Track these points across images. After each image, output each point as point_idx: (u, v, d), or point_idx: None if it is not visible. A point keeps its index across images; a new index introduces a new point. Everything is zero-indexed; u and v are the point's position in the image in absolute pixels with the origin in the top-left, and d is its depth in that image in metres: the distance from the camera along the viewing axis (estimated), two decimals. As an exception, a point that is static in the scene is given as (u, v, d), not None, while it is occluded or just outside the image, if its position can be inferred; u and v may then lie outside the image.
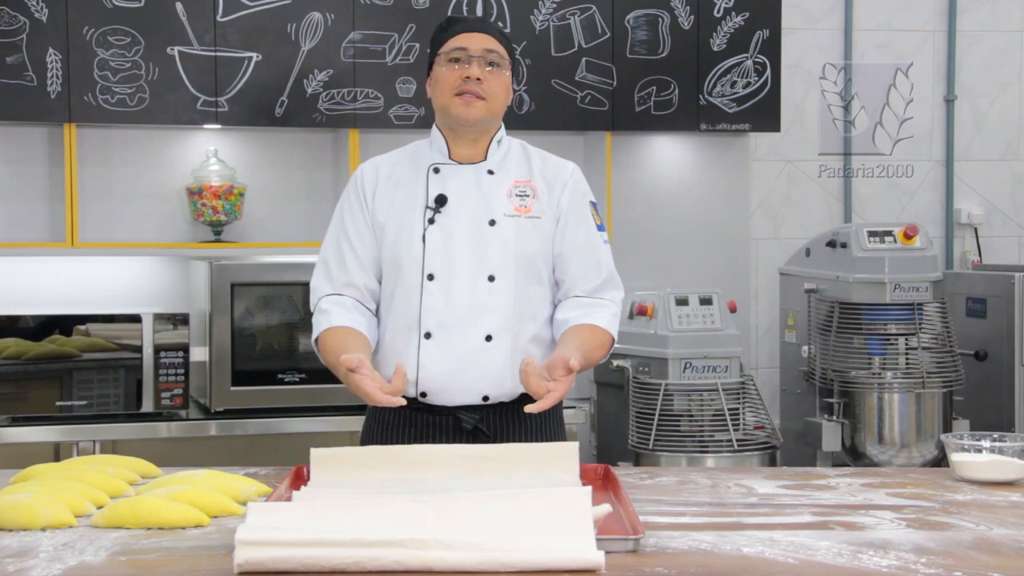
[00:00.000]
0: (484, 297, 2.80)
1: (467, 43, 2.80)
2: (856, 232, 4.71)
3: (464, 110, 2.81)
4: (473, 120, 2.82)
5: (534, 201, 2.87)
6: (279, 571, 1.86)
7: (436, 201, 2.83)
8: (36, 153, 4.66)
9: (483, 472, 2.43)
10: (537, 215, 2.86)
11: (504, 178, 2.88)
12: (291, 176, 4.91)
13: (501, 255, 2.82)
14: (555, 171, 2.93)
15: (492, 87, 2.81)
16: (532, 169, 2.92)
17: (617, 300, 2.93)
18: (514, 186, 2.88)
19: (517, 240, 2.83)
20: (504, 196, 2.85)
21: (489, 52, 2.81)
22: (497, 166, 2.89)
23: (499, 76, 2.82)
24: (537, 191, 2.88)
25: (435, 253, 2.80)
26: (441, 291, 2.79)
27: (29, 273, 4.63)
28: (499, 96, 2.85)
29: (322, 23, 4.57)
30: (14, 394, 4.19)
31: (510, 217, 2.84)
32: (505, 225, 2.83)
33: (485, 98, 2.81)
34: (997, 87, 5.65)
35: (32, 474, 2.48)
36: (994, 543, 2.08)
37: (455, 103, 2.81)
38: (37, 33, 4.35)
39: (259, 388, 4.36)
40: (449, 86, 2.81)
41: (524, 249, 2.83)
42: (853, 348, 4.66)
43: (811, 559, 1.97)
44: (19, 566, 1.92)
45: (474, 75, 2.78)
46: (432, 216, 2.83)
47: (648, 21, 4.88)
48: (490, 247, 2.81)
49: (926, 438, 4.61)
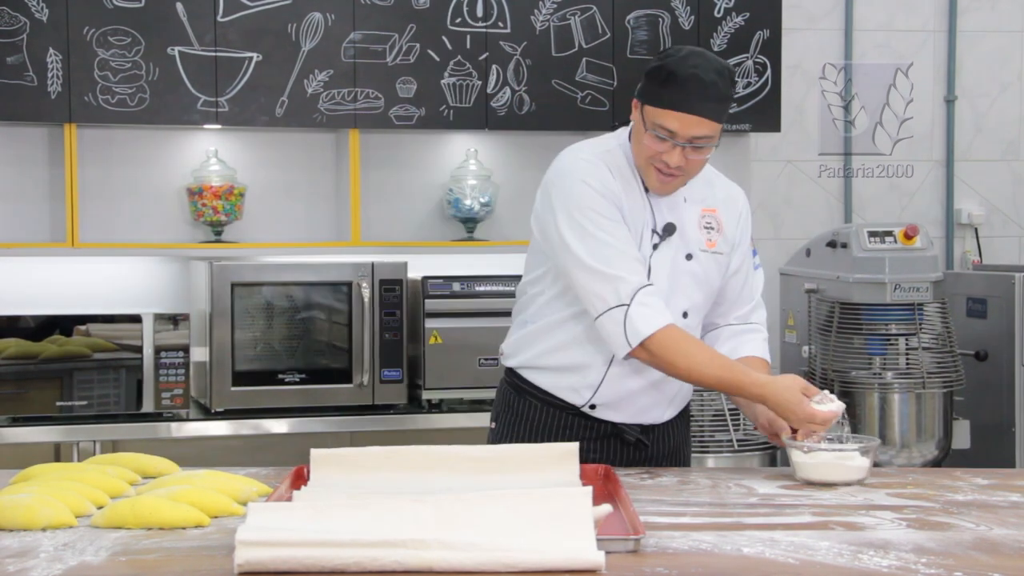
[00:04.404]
0: None
1: (677, 127, 2.61)
2: (856, 232, 4.70)
3: (659, 186, 2.72)
4: (668, 194, 2.75)
5: (718, 235, 2.81)
6: (279, 571, 1.86)
7: (665, 230, 2.74)
8: (36, 153, 4.66)
9: (484, 472, 2.43)
10: (720, 251, 2.82)
11: (695, 207, 2.80)
12: (291, 176, 4.91)
13: (694, 293, 2.79)
14: (733, 199, 2.88)
15: (693, 165, 2.68)
16: (716, 196, 2.84)
17: (763, 321, 2.95)
18: (701, 216, 2.80)
19: (707, 277, 2.80)
20: (696, 228, 2.79)
21: (695, 139, 2.63)
22: (689, 192, 2.80)
23: (702, 152, 2.67)
24: (721, 224, 2.82)
25: (655, 283, 2.71)
26: None
27: (29, 273, 4.64)
28: (699, 168, 2.72)
29: (322, 23, 4.57)
30: (14, 394, 4.19)
31: (704, 252, 2.79)
32: (701, 260, 2.79)
33: (683, 176, 2.70)
34: (997, 87, 5.65)
35: (32, 474, 2.47)
36: (994, 543, 2.08)
37: (651, 173, 2.70)
38: (37, 33, 4.35)
39: (259, 388, 4.36)
40: (648, 155, 2.68)
41: (711, 287, 2.82)
42: (853, 348, 4.65)
43: (811, 559, 1.97)
44: (19, 566, 1.92)
45: (674, 163, 2.64)
46: (658, 243, 2.74)
47: (648, 21, 4.88)
48: (686, 282, 2.77)
49: (926, 438, 4.61)
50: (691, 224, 2.79)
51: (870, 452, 2.60)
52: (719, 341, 2.91)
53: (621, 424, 2.83)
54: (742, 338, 2.90)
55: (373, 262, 4.44)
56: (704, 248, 2.79)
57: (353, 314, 4.40)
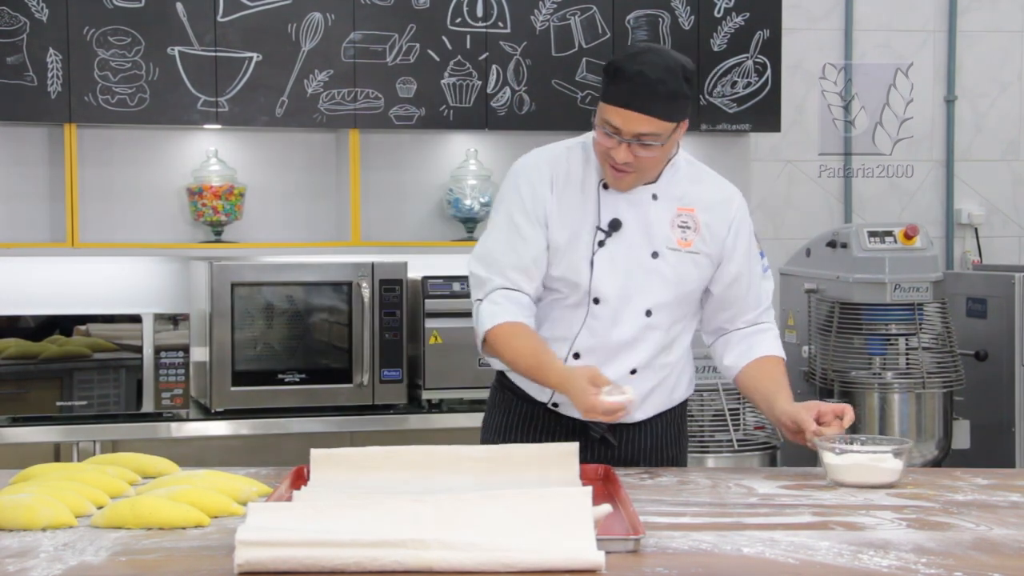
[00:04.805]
0: (639, 331, 2.77)
1: (620, 124, 2.61)
2: (856, 232, 4.70)
3: (614, 181, 2.73)
4: (625, 190, 2.75)
5: (695, 235, 2.78)
6: (279, 571, 1.86)
7: (610, 226, 2.75)
8: (36, 153, 4.66)
9: (483, 472, 2.43)
10: (696, 251, 2.79)
11: (668, 205, 2.78)
12: (291, 176, 4.91)
13: (660, 291, 2.77)
14: (722, 202, 2.83)
15: (643, 161, 2.67)
16: (698, 195, 2.81)
17: (772, 318, 2.95)
18: (677, 215, 2.78)
19: (677, 276, 2.78)
20: (667, 225, 2.77)
21: (641, 136, 2.62)
22: (663, 190, 2.79)
23: (652, 150, 2.66)
24: (699, 224, 2.79)
25: (602, 279, 2.74)
26: (600, 318, 2.76)
27: (29, 273, 4.64)
28: (652, 165, 2.72)
29: (322, 23, 4.57)
30: (14, 394, 4.19)
31: (672, 251, 2.77)
32: (667, 259, 2.77)
33: (635, 172, 2.70)
34: (997, 87, 5.65)
35: (32, 474, 2.47)
36: (994, 543, 2.08)
37: (606, 169, 2.72)
38: (37, 33, 4.35)
39: (259, 388, 4.36)
40: (600, 150, 2.70)
41: (682, 287, 2.79)
42: (853, 348, 4.65)
43: (811, 559, 1.97)
44: (19, 566, 1.92)
45: (620, 159, 2.65)
46: (603, 240, 2.75)
47: (648, 21, 4.88)
48: (650, 281, 2.76)
49: (926, 438, 4.61)
50: (660, 222, 2.77)
51: (903, 454, 2.57)
52: (730, 345, 2.91)
53: (588, 421, 2.81)
54: (753, 339, 2.90)
55: (373, 262, 4.44)
56: (674, 247, 2.77)
57: (353, 314, 4.40)
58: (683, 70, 2.63)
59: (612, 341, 2.78)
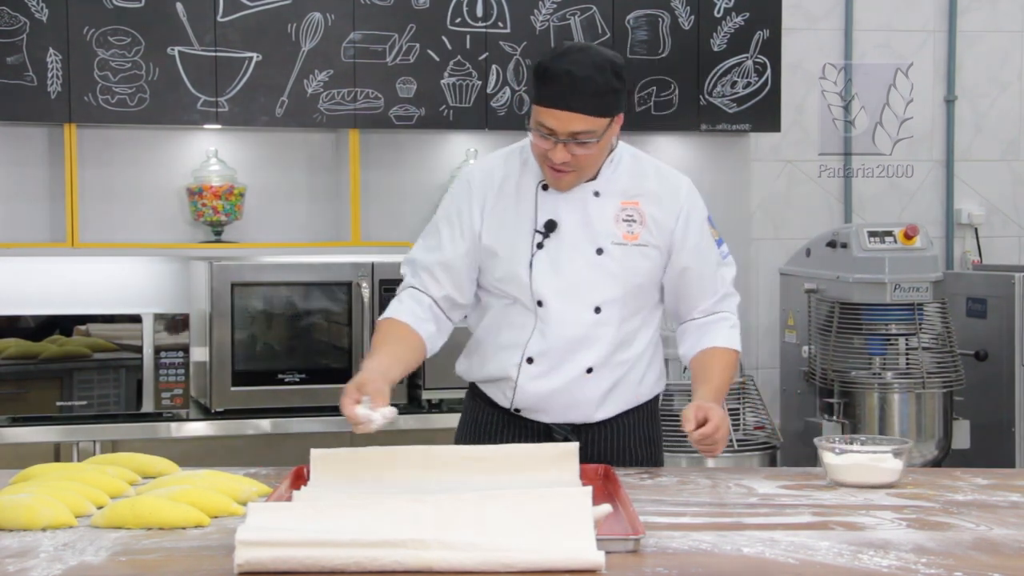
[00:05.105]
0: (589, 329, 2.77)
1: (555, 124, 2.61)
2: (856, 232, 4.71)
3: (555, 182, 2.73)
4: (566, 189, 2.75)
5: (641, 228, 2.77)
6: (279, 571, 1.86)
7: (546, 227, 2.75)
8: (36, 153, 4.66)
9: (484, 472, 2.43)
10: (644, 243, 2.78)
11: (611, 200, 2.78)
12: (291, 176, 4.91)
13: (608, 286, 2.76)
14: (668, 193, 2.81)
15: (582, 159, 2.67)
16: (642, 188, 2.80)
17: (733, 309, 2.90)
18: (621, 209, 2.77)
19: (624, 270, 2.77)
20: (611, 221, 2.77)
21: (576, 135, 2.62)
22: (604, 186, 2.78)
23: (589, 148, 2.65)
24: (644, 216, 2.78)
25: (543, 281, 2.75)
26: (547, 320, 2.76)
27: (29, 273, 4.63)
28: (591, 162, 2.71)
29: (322, 23, 4.57)
30: (14, 394, 4.19)
31: (618, 245, 2.76)
32: (613, 254, 2.76)
33: (575, 170, 2.70)
34: (997, 87, 5.65)
35: (32, 474, 2.47)
36: (994, 543, 2.08)
37: (546, 170, 2.72)
38: (37, 33, 4.35)
39: (259, 388, 4.36)
40: (538, 152, 2.70)
41: (632, 280, 2.78)
42: (853, 348, 4.65)
43: (811, 559, 1.97)
44: (19, 566, 1.92)
45: (558, 160, 2.65)
46: (541, 241, 2.76)
47: (648, 21, 4.88)
48: (597, 277, 2.76)
49: (926, 438, 4.61)
50: (603, 218, 2.77)
51: (903, 453, 2.57)
52: (685, 335, 2.90)
53: (551, 424, 2.82)
54: (705, 330, 2.87)
55: (373, 262, 4.44)
56: (620, 241, 2.76)
57: (353, 314, 4.41)
58: (612, 65, 2.64)
59: (563, 342, 2.77)
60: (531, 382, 2.79)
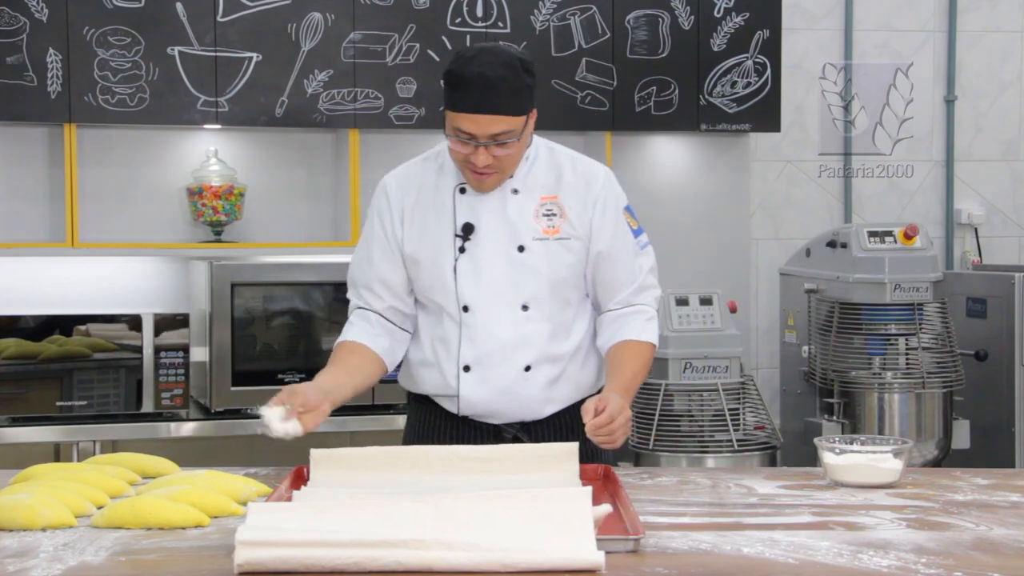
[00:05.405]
0: (520, 328, 2.75)
1: (474, 129, 2.61)
2: (856, 232, 4.71)
3: (478, 184, 2.73)
4: (489, 190, 2.74)
5: (562, 221, 2.77)
6: (279, 571, 1.86)
7: (464, 230, 2.75)
8: (36, 153, 4.66)
9: (483, 472, 2.43)
10: (566, 236, 2.77)
11: (529, 197, 2.77)
12: (291, 176, 4.91)
13: (534, 283, 2.75)
14: (585, 183, 2.81)
15: (504, 160, 2.67)
16: (560, 181, 2.80)
17: (650, 301, 2.86)
18: (540, 204, 2.77)
19: (549, 265, 2.75)
20: (531, 217, 2.76)
21: (496, 136, 2.62)
22: (522, 183, 2.78)
23: (509, 147, 2.65)
24: (564, 209, 2.77)
25: (467, 285, 2.74)
26: (476, 324, 2.75)
27: (29, 273, 4.63)
28: (513, 161, 2.71)
29: (322, 23, 4.57)
30: (14, 394, 4.19)
31: (539, 241, 2.75)
32: (535, 250, 2.75)
33: (498, 171, 2.70)
34: (997, 87, 5.65)
35: (32, 474, 2.48)
36: (994, 543, 2.08)
37: (467, 174, 2.72)
38: (37, 33, 4.35)
39: (259, 388, 4.34)
40: (458, 158, 2.69)
41: (557, 274, 2.76)
42: (853, 348, 4.65)
43: (811, 559, 1.97)
44: (19, 566, 1.92)
45: (481, 163, 2.64)
46: (462, 245, 2.75)
47: (648, 21, 4.88)
48: (522, 275, 2.75)
49: (926, 438, 4.61)
50: (523, 215, 2.76)
51: (903, 454, 2.56)
52: (603, 326, 2.86)
53: (500, 424, 2.81)
54: (620, 322, 2.83)
55: (373, 262, 4.44)
56: (541, 236, 2.75)
57: (353, 314, 4.40)
58: (521, 62, 2.65)
59: (495, 344, 2.75)
60: (473, 390, 2.77)
